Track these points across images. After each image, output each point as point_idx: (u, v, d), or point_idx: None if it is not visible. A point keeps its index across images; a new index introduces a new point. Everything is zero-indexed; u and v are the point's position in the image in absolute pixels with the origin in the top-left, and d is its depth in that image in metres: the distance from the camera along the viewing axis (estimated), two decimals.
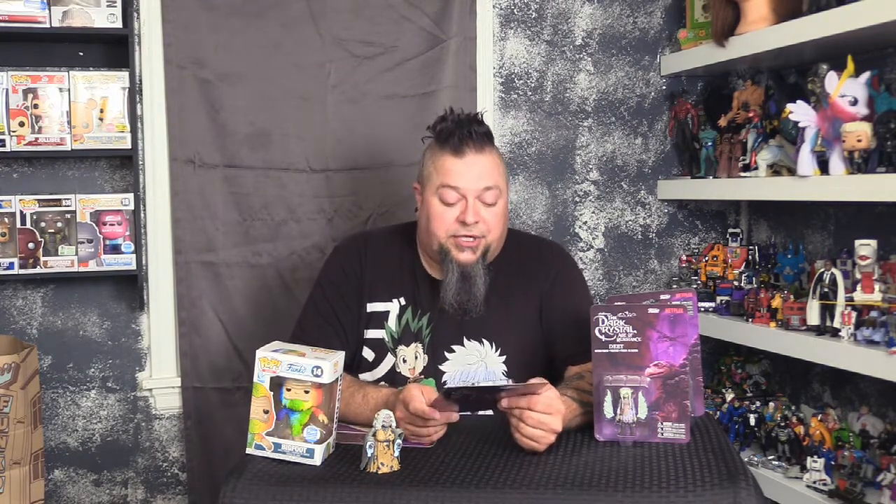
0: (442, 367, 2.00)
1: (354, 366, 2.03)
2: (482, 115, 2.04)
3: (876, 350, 2.09)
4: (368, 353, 2.04)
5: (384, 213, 2.78)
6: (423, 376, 2.00)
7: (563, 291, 2.07)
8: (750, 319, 2.56)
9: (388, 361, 2.03)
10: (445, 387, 1.64)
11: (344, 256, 2.12)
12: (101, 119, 2.54)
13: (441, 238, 1.97)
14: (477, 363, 2.01)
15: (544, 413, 1.64)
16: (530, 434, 1.65)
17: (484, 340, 2.02)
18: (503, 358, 2.01)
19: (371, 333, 2.04)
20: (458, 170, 1.96)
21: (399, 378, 2.01)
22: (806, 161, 2.28)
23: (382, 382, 2.01)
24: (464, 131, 1.97)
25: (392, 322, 2.04)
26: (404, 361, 2.02)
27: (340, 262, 2.11)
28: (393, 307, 2.04)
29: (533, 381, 1.71)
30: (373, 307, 2.05)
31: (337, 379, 1.64)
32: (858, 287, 2.18)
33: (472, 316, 1.99)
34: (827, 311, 2.27)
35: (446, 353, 2.01)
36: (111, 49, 2.63)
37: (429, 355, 2.01)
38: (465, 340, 2.02)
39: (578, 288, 2.14)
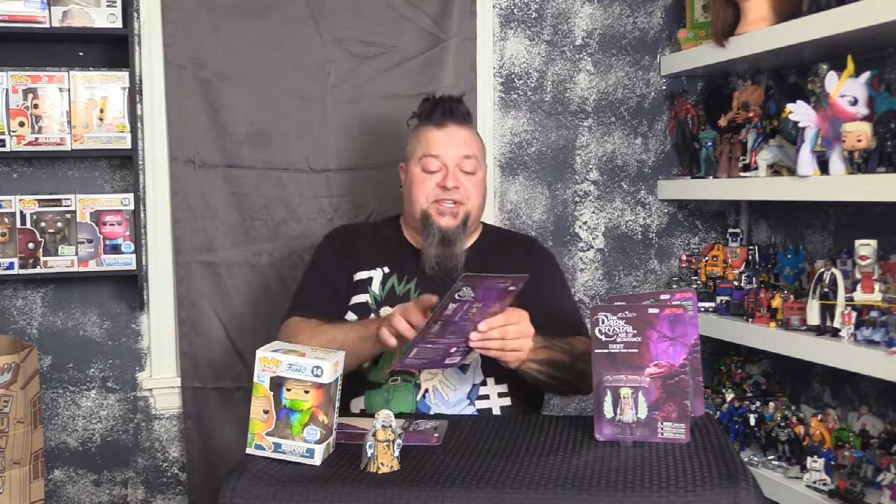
0: None
1: None
2: (463, 97, 2.20)
3: (876, 350, 2.09)
4: (351, 317, 2.12)
5: (384, 213, 2.78)
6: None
7: (546, 275, 2.21)
8: (750, 319, 2.56)
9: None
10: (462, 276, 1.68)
11: (334, 239, 2.27)
12: (101, 119, 2.54)
13: (423, 204, 2.12)
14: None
15: (521, 322, 1.80)
16: (517, 345, 1.81)
17: None
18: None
19: (355, 299, 2.14)
20: (438, 139, 2.13)
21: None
22: (806, 161, 2.28)
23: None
24: (445, 106, 2.15)
25: (375, 287, 2.14)
26: None
27: (331, 243, 2.26)
28: (376, 274, 2.16)
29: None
30: (359, 275, 2.16)
31: (337, 379, 1.65)
32: (858, 287, 2.18)
33: (453, 278, 2.05)
34: (827, 311, 2.27)
35: None
36: (111, 49, 2.63)
37: None
38: None
39: (560, 278, 2.31)
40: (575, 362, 2.03)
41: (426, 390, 2.03)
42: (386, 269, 2.16)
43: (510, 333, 1.79)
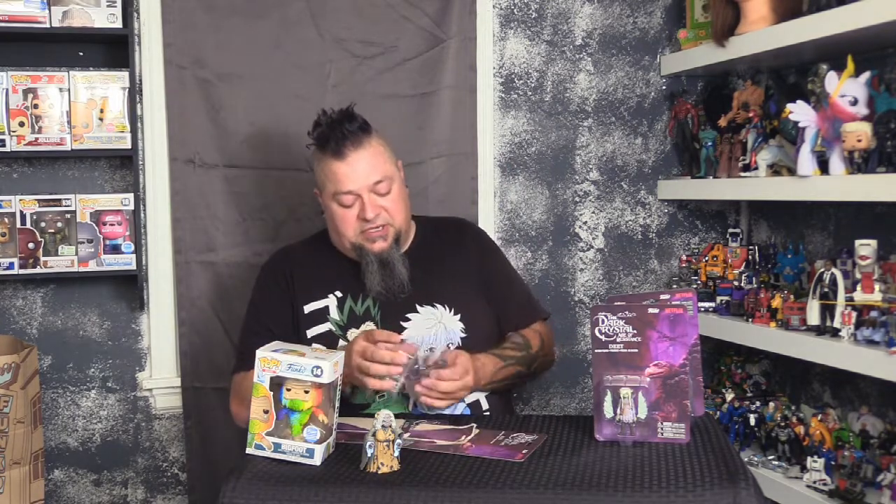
0: (402, 336, 2.07)
1: None
2: (353, 108, 2.12)
3: (876, 350, 2.09)
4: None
5: None
6: None
7: (492, 259, 2.29)
8: (750, 319, 2.56)
9: (341, 347, 2.09)
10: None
11: (269, 273, 2.25)
12: (101, 119, 2.54)
13: (351, 237, 2.10)
14: (435, 325, 2.11)
15: (458, 380, 1.93)
16: (454, 398, 1.96)
17: (437, 304, 2.13)
18: (458, 316, 2.13)
19: (315, 331, 2.13)
20: (344, 172, 2.07)
21: None
22: (806, 161, 2.28)
23: None
24: (337, 133, 2.06)
25: (334, 314, 2.13)
26: None
27: (266, 279, 2.24)
28: (331, 301, 2.14)
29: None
30: (310, 307, 2.15)
31: (337, 379, 1.65)
32: (858, 287, 2.18)
33: (401, 299, 2.11)
34: (827, 311, 2.27)
35: (402, 323, 2.11)
36: (111, 49, 2.63)
37: (386, 329, 2.08)
38: (419, 307, 2.12)
39: (500, 254, 2.39)
40: (531, 364, 2.19)
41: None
42: (338, 294, 2.14)
43: (455, 388, 1.95)
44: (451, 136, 2.82)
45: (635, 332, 1.70)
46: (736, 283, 2.71)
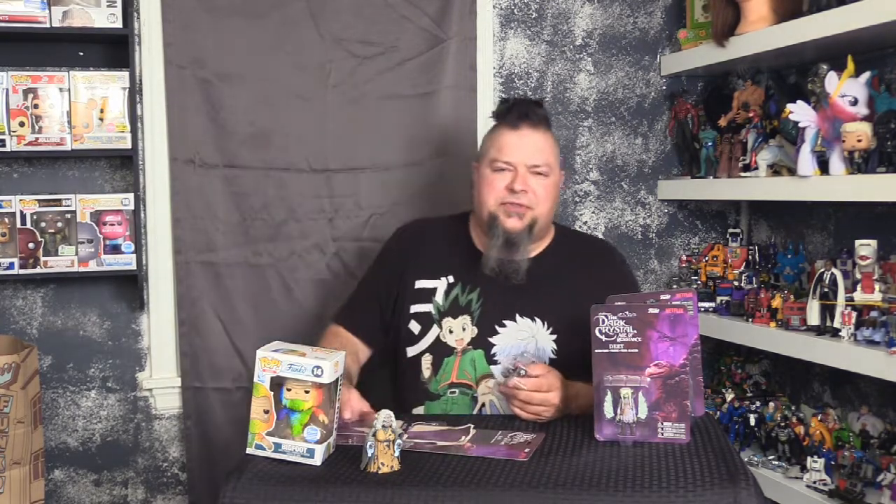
0: (492, 340, 2.06)
1: (402, 339, 2.11)
2: (543, 102, 2.16)
3: (876, 350, 2.09)
4: (415, 326, 2.11)
5: (384, 214, 2.78)
6: (471, 347, 2.06)
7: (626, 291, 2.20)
8: (750, 319, 2.56)
9: (433, 333, 2.09)
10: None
11: (399, 238, 2.26)
12: (101, 119, 2.54)
13: (491, 206, 2.06)
14: (528, 339, 2.07)
15: (550, 391, 1.86)
16: (536, 411, 1.86)
17: (536, 318, 2.07)
18: (554, 336, 2.07)
19: (417, 308, 2.12)
20: (511, 142, 2.07)
21: (444, 349, 2.07)
22: (806, 161, 2.28)
23: (427, 354, 2.08)
24: (522, 109, 2.08)
25: (439, 297, 2.11)
26: (451, 332, 2.08)
27: (395, 242, 2.26)
28: (441, 284, 2.12)
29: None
30: (421, 284, 2.13)
31: (337, 379, 1.65)
32: (858, 287, 2.18)
33: (514, 282, 2.07)
34: (827, 311, 2.27)
35: (497, 327, 2.07)
36: (111, 49, 2.63)
37: (478, 328, 2.07)
38: (518, 317, 2.07)
39: (638, 289, 2.28)
40: None
41: (483, 404, 2.03)
42: (450, 279, 2.12)
43: (534, 399, 1.86)
44: (451, 136, 2.82)
45: (635, 332, 1.70)
46: (736, 283, 2.71)
